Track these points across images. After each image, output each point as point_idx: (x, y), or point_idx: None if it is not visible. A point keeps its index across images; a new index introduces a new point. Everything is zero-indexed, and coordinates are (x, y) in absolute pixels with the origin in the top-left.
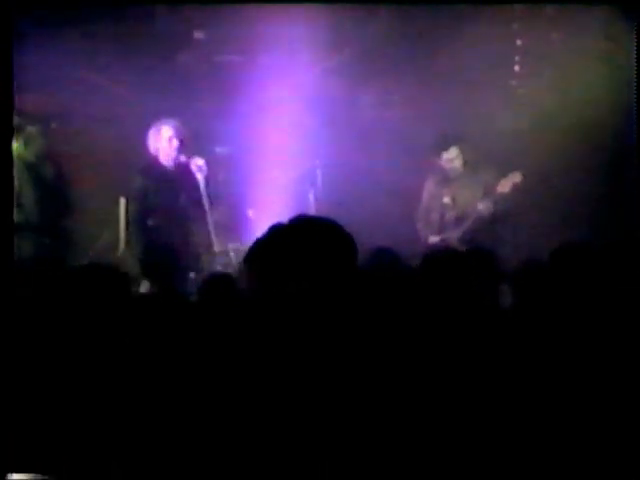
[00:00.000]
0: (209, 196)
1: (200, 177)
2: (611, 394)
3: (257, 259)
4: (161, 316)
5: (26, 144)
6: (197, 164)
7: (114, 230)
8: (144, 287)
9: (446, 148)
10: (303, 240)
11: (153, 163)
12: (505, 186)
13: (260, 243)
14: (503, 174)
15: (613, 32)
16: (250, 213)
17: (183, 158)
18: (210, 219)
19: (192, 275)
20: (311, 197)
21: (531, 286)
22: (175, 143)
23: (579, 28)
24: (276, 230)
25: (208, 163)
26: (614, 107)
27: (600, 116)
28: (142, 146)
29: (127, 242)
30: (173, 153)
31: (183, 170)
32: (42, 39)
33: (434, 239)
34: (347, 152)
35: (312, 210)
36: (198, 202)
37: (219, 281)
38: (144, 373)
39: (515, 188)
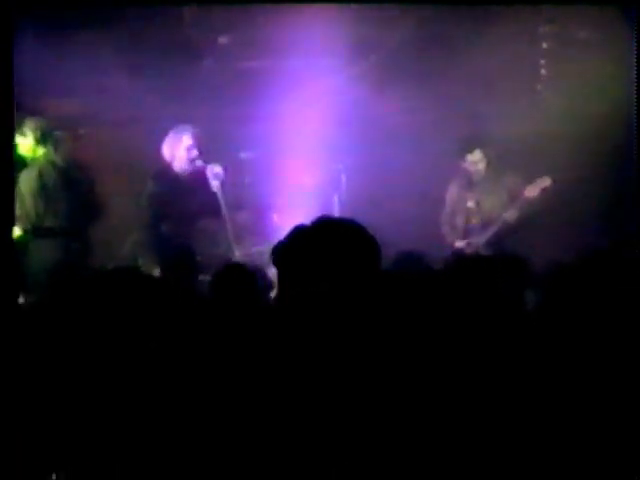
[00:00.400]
0: (226, 202)
1: (216, 184)
2: None
3: (280, 261)
4: (180, 319)
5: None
6: (214, 171)
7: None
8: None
9: (470, 150)
10: (326, 242)
11: (167, 169)
12: (533, 191)
13: (283, 245)
14: (528, 178)
15: None
16: (275, 217)
17: (200, 163)
18: (229, 225)
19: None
20: (336, 201)
21: (559, 292)
22: (193, 151)
23: (606, 30)
24: (299, 232)
25: (232, 168)
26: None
27: (628, 119)
28: (157, 151)
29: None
30: (190, 161)
31: (199, 176)
32: (69, 45)
33: (460, 244)
34: (371, 156)
35: (336, 214)
36: (215, 209)
37: (235, 274)
38: (165, 376)
39: (543, 193)
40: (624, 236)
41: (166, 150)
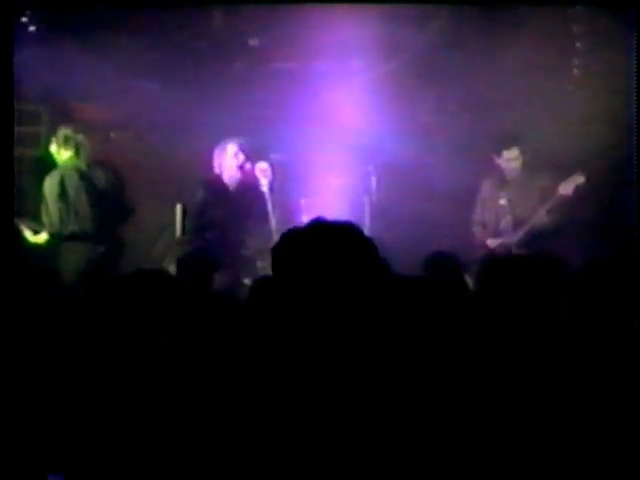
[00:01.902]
0: (273, 201)
1: (265, 182)
2: None
3: (274, 263)
4: (212, 321)
5: (77, 153)
6: (261, 168)
7: (170, 237)
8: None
9: (508, 147)
10: (318, 244)
11: (216, 178)
12: (567, 188)
13: (277, 247)
14: (561, 177)
15: None
16: (304, 219)
17: (248, 165)
18: (273, 223)
19: (247, 281)
20: (366, 202)
21: (594, 291)
22: (240, 158)
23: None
24: (292, 234)
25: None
26: None
27: None
28: (205, 160)
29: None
30: (238, 168)
31: (247, 182)
32: (98, 50)
33: (492, 243)
34: (402, 157)
35: (367, 215)
36: (262, 208)
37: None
38: (177, 376)
39: (577, 190)
40: None
41: (215, 163)
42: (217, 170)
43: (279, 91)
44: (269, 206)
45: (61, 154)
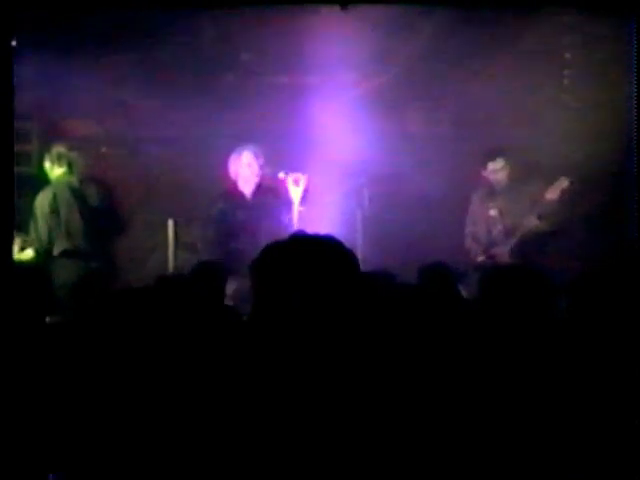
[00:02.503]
0: (300, 212)
1: (297, 193)
2: None
3: (253, 275)
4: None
5: (70, 169)
6: (295, 178)
7: (163, 253)
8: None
9: (493, 158)
10: (298, 256)
11: (232, 186)
12: (553, 193)
13: (257, 260)
14: (548, 183)
15: None
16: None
17: (282, 175)
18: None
19: None
20: (358, 215)
21: (586, 297)
22: (255, 167)
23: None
24: (273, 247)
25: None
26: None
27: None
28: (182, 169)
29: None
30: (254, 176)
31: (267, 188)
32: (88, 65)
33: (484, 254)
34: (394, 169)
35: (359, 228)
36: (286, 219)
37: None
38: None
39: (563, 194)
40: None
41: (231, 170)
42: (233, 177)
43: (270, 105)
44: (294, 217)
45: (54, 171)
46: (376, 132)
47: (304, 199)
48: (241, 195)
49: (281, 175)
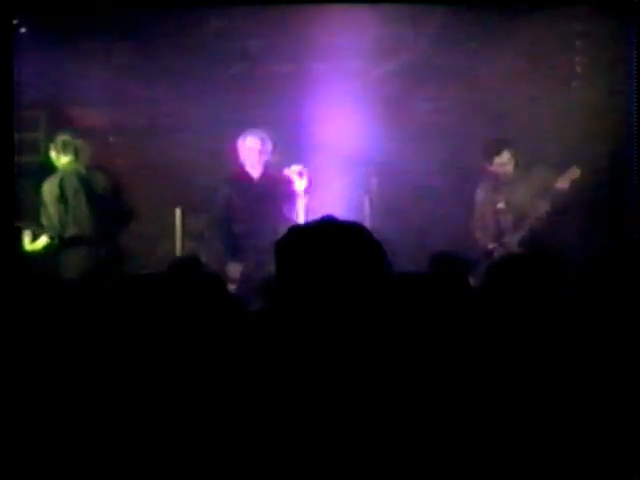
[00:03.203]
0: (305, 204)
1: (301, 185)
2: None
3: (278, 257)
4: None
5: (76, 157)
6: (295, 170)
7: (171, 241)
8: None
9: (498, 152)
10: (326, 240)
11: (239, 170)
12: (564, 182)
13: (282, 241)
14: (558, 172)
15: None
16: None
17: (275, 165)
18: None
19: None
20: (366, 203)
21: (596, 284)
22: (262, 153)
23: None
24: (300, 229)
25: None
26: None
27: None
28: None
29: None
30: (259, 162)
31: (273, 175)
32: (95, 54)
33: (493, 245)
34: (402, 158)
35: (367, 216)
36: (293, 211)
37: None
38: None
39: (574, 184)
40: None
41: (239, 154)
42: (241, 161)
43: (278, 93)
44: (299, 208)
45: (60, 159)
46: (383, 121)
47: (308, 191)
48: (248, 179)
49: (287, 171)
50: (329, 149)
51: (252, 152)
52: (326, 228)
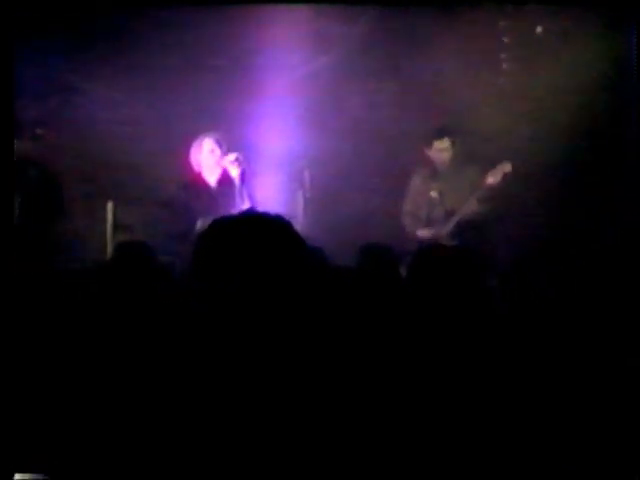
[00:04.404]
0: (243, 192)
1: (236, 172)
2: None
3: (196, 251)
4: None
5: None
6: (230, 160)
7: (102, 235)
8: None
9: (440, 137)
10: (246, 234)
11: (196, 177)
12: (495, 176)
13: (202, 235)
14: (490, 167)
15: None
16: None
17: (218, 153)
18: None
19: None
20: (300, 197)
21: (523, 280)
22: (217, 153)
23: (565, 24)
24: (219, 223)
25: None
26: (602, 101)
27: (588, 108)
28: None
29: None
30: (215, 164)
31: (227, 176)
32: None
33: (423, 234)
34: (334, 151)
35: (301, 210)
36: (231, 203)
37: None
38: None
39: (505, 178)
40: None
41: (192, 160)
42: (196, 168)
43: (213, 87)
44: (237, 198)
45: None
46: (316, 115)
47: (243, 178)
48: (205, 184)
49: (222, 162)
50: (261, 143)
51: (208, 155)
52: (248, 221)
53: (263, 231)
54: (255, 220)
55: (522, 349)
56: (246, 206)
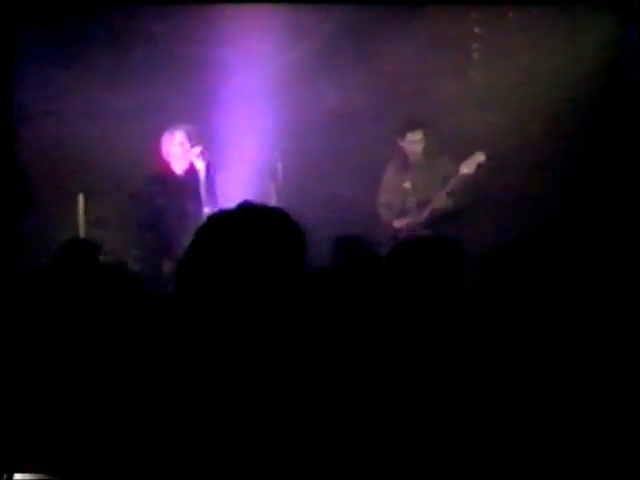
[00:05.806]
0: (208, 186)
1: (201, 165)
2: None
3: (194, 244)
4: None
5: None
6: (195, 153)
7: (73, 229)
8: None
9: (412, 129)
10: (246, 226)
11: (166, 168)
12: (468, 167)
13: (201, 228)
14: (463, 158)
15: (573, 22)
16: (207, 210)
17: (187, 146)
18: (205, 208)
19: None
20: (272, 189)
21: (496, 271)
22: (187, 147)
23: (537, 13)
24: (219, 216)
25: None
26: (573, 89)
27: (559, 100)
28: (105, 149)
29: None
30: (185, 157)
31: (191, 168)
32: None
33: (398, 224)
34: (307, 143)
35: (273, 202)
36: (198, 195)
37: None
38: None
39: (479, 169)
40: (562, 214)
41: (163, 151)
42: (166, 159)
43: (182, 77)
44: (202, 190)
45: None
46: (288, 107)
47: (208, 171)
48: (173, 176)
49: (188, 155)
50: (233, 135)
51: (177, 147)
52: (246, 214)
53: (262, 224)
54: (253, 213)
55: (498, 337)
56: (210, 199)
